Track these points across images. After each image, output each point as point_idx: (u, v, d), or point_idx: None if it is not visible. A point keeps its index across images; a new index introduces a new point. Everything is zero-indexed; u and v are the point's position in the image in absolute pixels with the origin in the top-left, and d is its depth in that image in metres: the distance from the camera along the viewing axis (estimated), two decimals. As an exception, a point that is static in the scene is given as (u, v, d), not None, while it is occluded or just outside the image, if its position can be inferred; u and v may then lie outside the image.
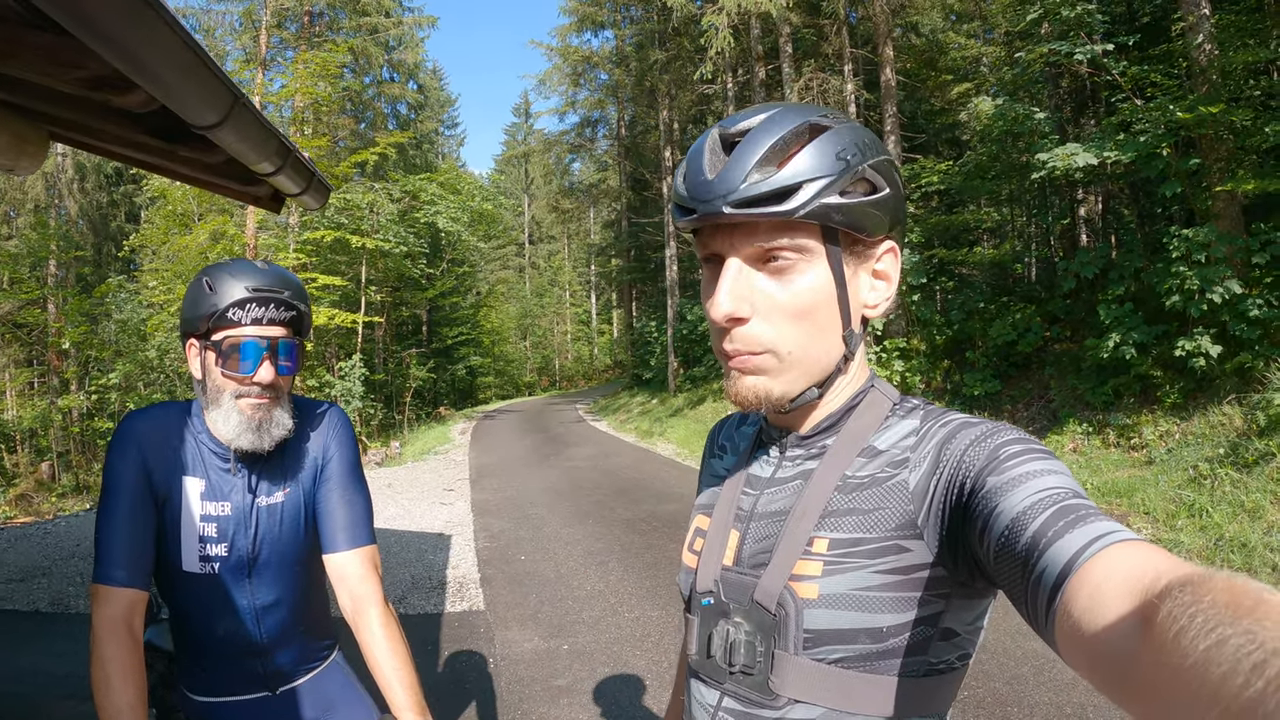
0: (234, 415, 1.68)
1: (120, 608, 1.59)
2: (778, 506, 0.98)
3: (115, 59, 1.55)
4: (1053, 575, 0.66)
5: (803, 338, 0.91)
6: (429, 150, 40.70)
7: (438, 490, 11.79)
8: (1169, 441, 8.54)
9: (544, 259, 58.57)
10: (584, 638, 5.39)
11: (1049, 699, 4.21)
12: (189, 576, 1.72)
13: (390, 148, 22.11)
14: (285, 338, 1.72)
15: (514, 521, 9.18)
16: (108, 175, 31.23)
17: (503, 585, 6.66)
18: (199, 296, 1.66)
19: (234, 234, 18.30)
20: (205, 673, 1.82)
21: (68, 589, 6.68)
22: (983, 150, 12.98)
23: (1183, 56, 10.16)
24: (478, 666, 4.96)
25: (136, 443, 1.69)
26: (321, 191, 3.16)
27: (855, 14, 18.25)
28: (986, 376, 12.50)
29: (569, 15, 28.91)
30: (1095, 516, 0.69)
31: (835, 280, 0.91)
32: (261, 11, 22.60)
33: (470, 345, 35.97)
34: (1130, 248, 11.06)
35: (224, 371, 1.66)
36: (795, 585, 0.90)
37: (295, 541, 1.81)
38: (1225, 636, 0.44)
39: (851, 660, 0.87)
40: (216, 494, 1.73)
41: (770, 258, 0.90)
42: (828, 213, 0.86)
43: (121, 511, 1.64)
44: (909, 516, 0.87)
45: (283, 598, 1.81)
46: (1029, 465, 0.78)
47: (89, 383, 22.50)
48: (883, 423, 0.96)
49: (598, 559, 7.34)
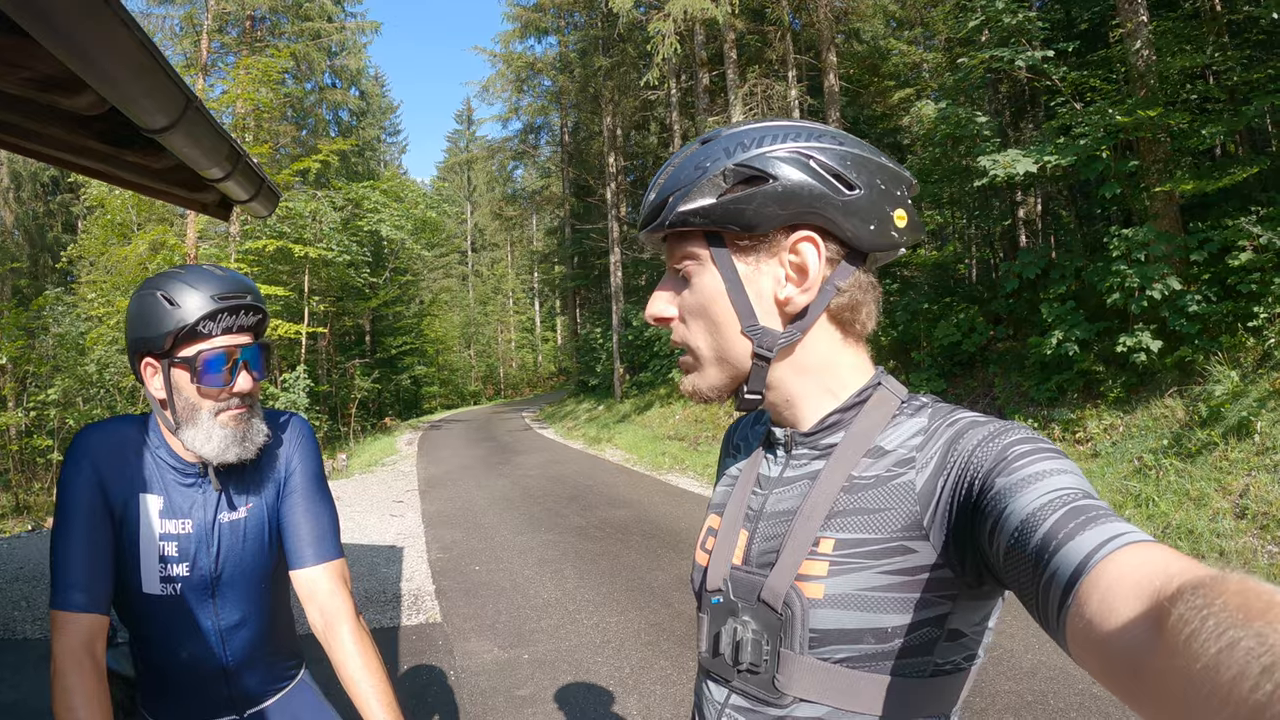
0: (217, 431, 1.60)
1: (81, 634, 1.50)
2: (785, 506, 0.98)
3: (68, 57, 1.50)
4: (1065, 576, 0.65)
5: (704, 335, 0.98)
6: (371, 158, 40.18)
7: (387, 502, 11.59)
8: (1114, 435, 8.72)
9: (487, 267, 58.20)
10: (544, 646, 5.32)
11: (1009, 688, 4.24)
12: (150, 599, 1.63)
13: (333, 155, 21.75)
14: (252, 343, 1.65)
15: (466, 531, 9.06)
16: (44, 184, 30.34)
17: (458, 596, 6.55)
18: (156, 312, 1.55)
19: (174, 244, 17.81)
20: (169, 698, 1.73)
21: (12, 614, 6.37)
22: (925, 154, 13.17)
23: (1121, 62, 10.40)
24: (438, 679, 4.86)
25: (91, 458, 1.60)
26: (270, 198, 3.07)
27: (799, 21, 18.45)
28: (932, 376, 12.66)
29: (512, 21, 28.82)
30: (1108, 517, 0.69)
31: (724, 278, 0.95)
32: (203, 15, 22.21)
33: (414, 355, 35.56)
34: (1070, 248, 11.30)
35: (200, 388, 1.58)
36: (801, 585, 0.90)
37: (260, 558, 1.74)
38: (1236, 639, 0.44)
39: (857, 660, 0.88)
40: (177, 511, 1.65)
41: (680, 266, 0.99)
42: (686, 219, 0.94)
43: (78, 532, 1.55)
44: (915, 517, 0.87)
45: (248, 617, 1.74)
46: (1039, 465, 0.78)
47: (27, 399, 21.70)
48: (890, 421, 0.96)
49: (552, 567, 7.27)
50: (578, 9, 26.26)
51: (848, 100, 17.77)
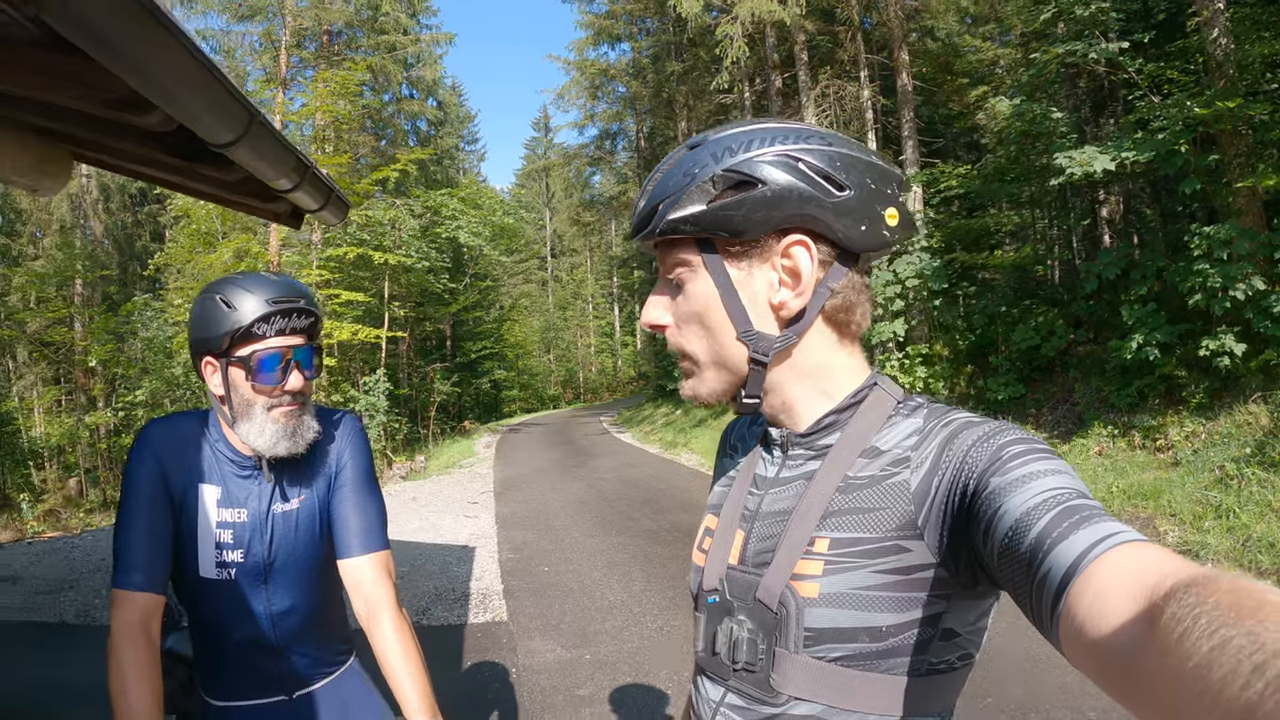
0: (269, 426, 1.71)
1: (138, 612, 1.61)
2: (781, 506, 0.99)
3: (133, 81, 1.58)
4: (1057, 576, 0.66)
5: (700, 342, 0.99)
6: (450, 166, 40.91)
7: (462, 503, 11.86)
8: (1195, 442, 8.45)
9: (566, 272, 58.61)
10: (606, 647, 5.41)
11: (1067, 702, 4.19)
12: (206, 582, 1.75)
13: (411, 164, 22.27)
14: (305, 345, 1.75)
15: (538, 533, 9.22)
16: (132, 195, 31.63)
17: (526, 596, 6.70)
18: (215, 315, 1.68)
19: (258, 252, 18.47)
20: (223, 677, 1.85)
21: (94, 601, 6.80)
22: (1001, 153, 12.92)
23: (1199, 52, 10.08)
24: (500, 676, 4.99)
25: (154, 450, 1.72)
26: (340, 207, 3.19)
27: (870, 20, 18.22)
28: (1010, 381, 12.40)
29: (585, 29, 29.11)
30: (1100, 517, 0.70)
31: (717, 284, 0.96)
32: (281, 32, 22.94)
33: (494, 359, 36.08)
34: (1152, 247, 10.97)
35: (255, 385, 1.70)
36: (796, 584, 0.91)
37: (310, 547, 1.84)
38: (1228, 638, 0.44)
39: (851, 659, 0.88)
40: (233, 501, 1.76)
41: (672, 273, 0.99)
42: (676, 226, 0.94)
43: (140, 517, 1.67)
44: (909, 517, 0.87)
45: (298, 603, 1.83)
46: (1033, 465, 0.78)
47: (116, 400, 22.72)
48: (886, 421, 0.96)
49: (621, 569, 7.36)
50: (649, 15, 26.37)
51: (922, 99, 17.49)
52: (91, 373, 24.11)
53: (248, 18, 24.47)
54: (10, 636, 6.06)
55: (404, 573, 7.62)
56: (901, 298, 13.92)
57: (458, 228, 24.52)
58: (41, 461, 24.91)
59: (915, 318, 14.57)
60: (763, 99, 21.49)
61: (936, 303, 13.97)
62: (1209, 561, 6.20)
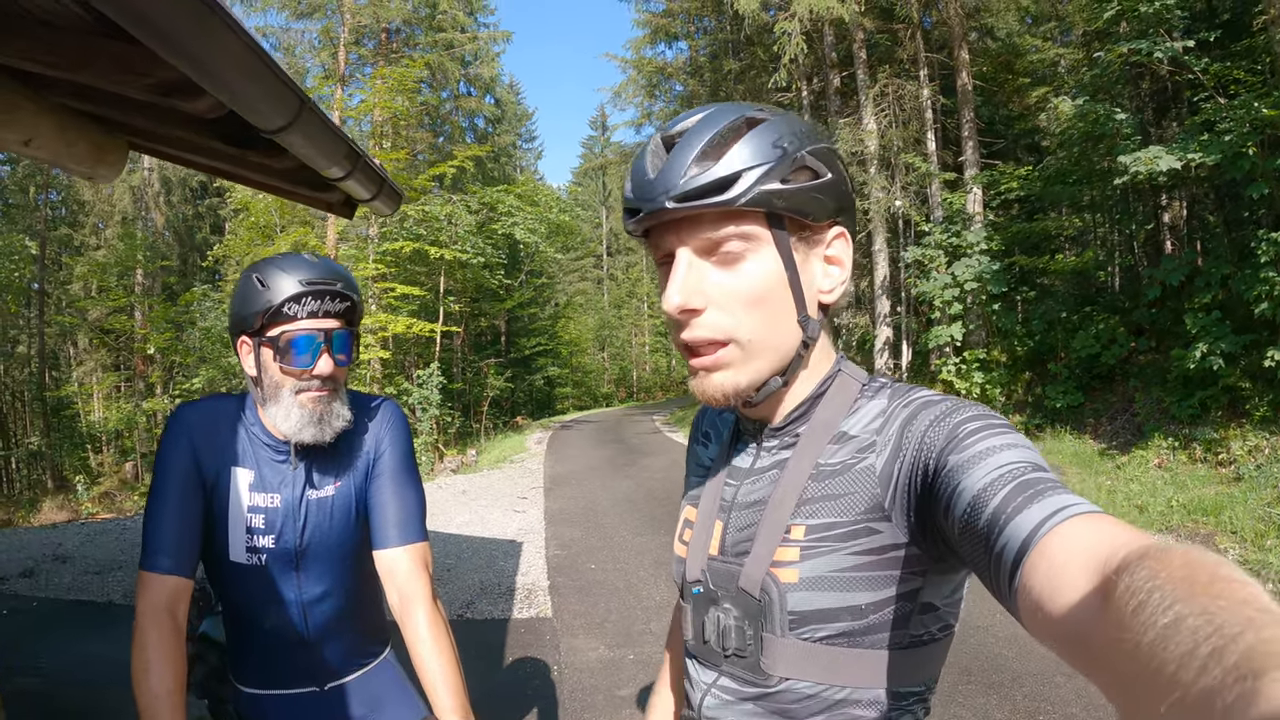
0: (295, 410, 1.68)
1: (164, 595, 1.60)
2: (757, 496, 1.01)
3: (182, 64, 1.60)
4: (1013, 551, 0.67)
5: (760, 324, 0.93)
6: (507, 163, 41.23)
7: (512, 498, 11.97)
8: (1258, 457, 8.21)
9: (622, 270, 58.68)
10: (650, 648, 5.43)
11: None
12: (237, 567, 1.74)
13: (468, 160, 22.45)
14: (340, 329, 1.71)
15: (585, 530, 9.29)
16: (193, 189, 32.33)
17: (571, 593, 6.76)
18: (250, 293, 1.67)
19: (315, 245, 18.75)
20: (253, 665, 1.85)
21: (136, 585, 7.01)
22: (1063, 154, 12.66)
23: (1265, 51, 9.79)
24: (542, 673, 5.05)
25: (187, 432, 1.71)
26: (393, 197, 3.22)
27: (929, 18, 17.95)
28: (1069, 389, 12.16)
29: (642, 27, 29.05)
30: (1054, 490, 0.71)
31: (785, 266, 0.93)
32: (339, 29, 23.28)
33: (548, 356, 36.22)
34: (1217, 254, 10.67)
35: (283, 367, 1.67)
36: (776, 571, 0.94)
37: (345, 535, 1.81)
38: (1181, 615, 0.44)
39: (835, 637, 0.92)
40: (266, 486, 1.75)
41: (719, 248, 0.92)
42: (769, 199, 0.89)
43: (170, 500, 1.66)
44: (876, 500, 0.90)
45: (331, 591, 1.81)
46: (988, 441, 0.80)
47: (173, 387, 23.30)
48: (852, 405, 0.99)
49: (667, 569, 7.36)
50: (706, 13, 26.26)
51: (982, 99, 17.18)
52: (150, 360, 24.73)
53: (307, 15, 24.89)
54: (59, 614, 6.29)
55: (450, 565, 7.72)
56: (960, 301, 13.73)
57: (514, 224, 24.69)
58: (99, 445, 25.64)
59: (973, 322, 14.35)
60: (820, 98, 21.31)
61: (995, 307, 13.74)
62: (1271, 583, 6.04)
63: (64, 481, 20.48)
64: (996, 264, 13.38)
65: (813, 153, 0.92)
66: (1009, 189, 14.11)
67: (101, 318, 25.96)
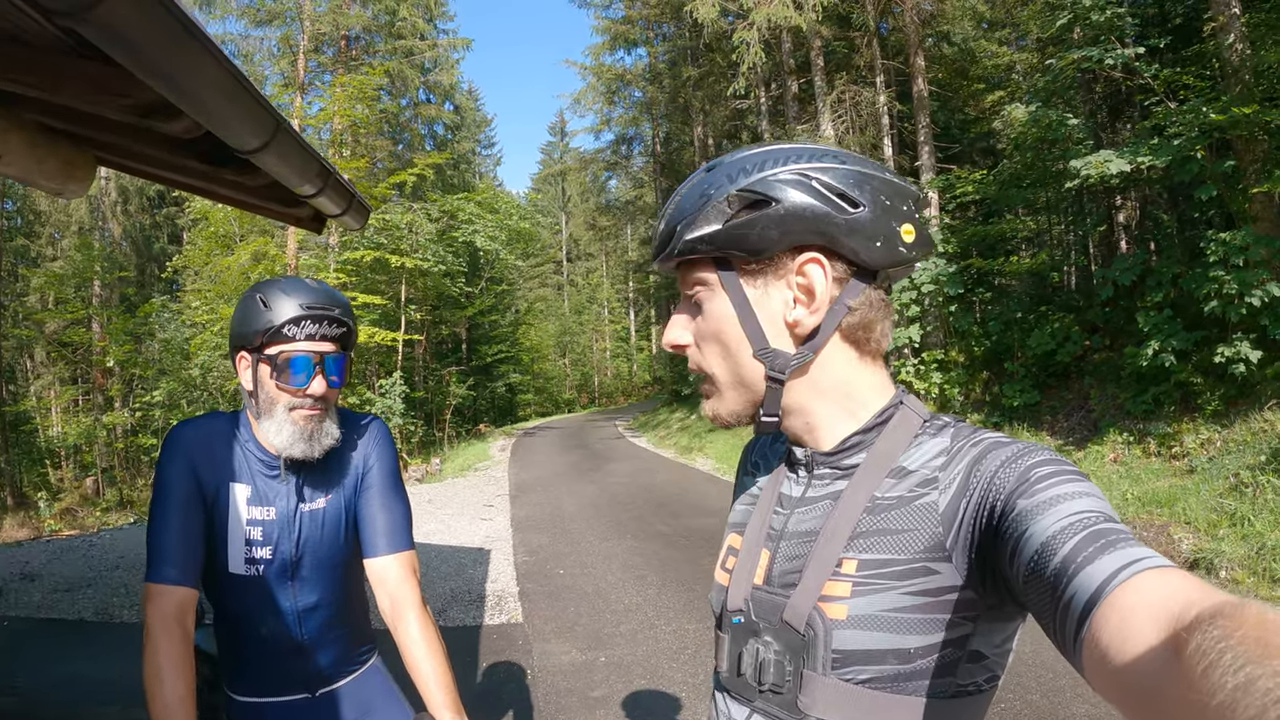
0: (287, 426, 1.75)
1: (172, 604, 1.65)
2: (807, 526, 0.97)
3: (161, 88, 1.62)
4: (1082, 601, 0.66)
5: (719, 360, 1.00)
6: (466, 170, 41.07)
7: (477, 506, 11.93)
8: (1210, 450, 8.43)
9: (582, 276, 58.74)
10: (621, 650, 5.45)
11: (1086, 711, 4.21)
12: (235, 578, 1.79)
13: (428, 168, 22.39)
14: (335, 353, 1.79)
15: (553, 536, 9.28)
16: (150, 198, 31.88)
17: (541, 599, 6.75)
18: (253, 312, 1.74)
19: (275, 254, 18.60)
20: (249, 674, 1.89)
21: (112, 599, 6.89)
22: (1017, 159, 12.90)
23: (1215, 57, 10.07)
24: (515, 677, 5.05)
25: (185, 450, 1.77)
26: (361, 212, 3.24)
27: (886, 25, 18.21)
28: (1025, 387, 12.37)
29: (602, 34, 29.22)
30: (1127, 542, 0.69)
31: (734, 303, 0.97)
32: (299, 37, 23.14)
33: (509, 363, 36.16)
34: (1168, 253, 10.95)
35: (278, 384, 1.74)
36: (824, 606, 0.90)
37: (336, 546, 1.88)
38: (1254, 677, 0.43)
39: (879, 681, 0.87)
40: (262, 499, 1.81)
41: (691, 295, 1.01)
42: (693, 246, 0.95)
43: (174, 514, 1.71)
44: (938, 539, 0.87)
45: (324, 600, 1.88)
46: (1061, 488, 0.78)
47: (133, 400, 22.92)
48: (913, 441, 0.95)
49: (636, 573, 7.41)
50: (665, 20, 26.45)
51: (938, 105, 17.45)
52: (109, 373, 24.31)
53: (266, 23, 24.72)
54: (30, 633, 6.16)
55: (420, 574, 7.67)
56: (917, 303, 13.93)
57: (474, 232, 24.63)
58: (58, 460, 25.12)
59: (931, 323, 14.56)
60: (779, 104, 21.52)
61: (952, 308, 13.96)
62: (1223, 569, 6.20)
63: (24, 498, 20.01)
64: (953, 266, 13.59)
65: (747, 188, 0.92)
66: (965, 193, 14.33)
67: (59, 330, 25.46)
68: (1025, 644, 4.89)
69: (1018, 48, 18.42)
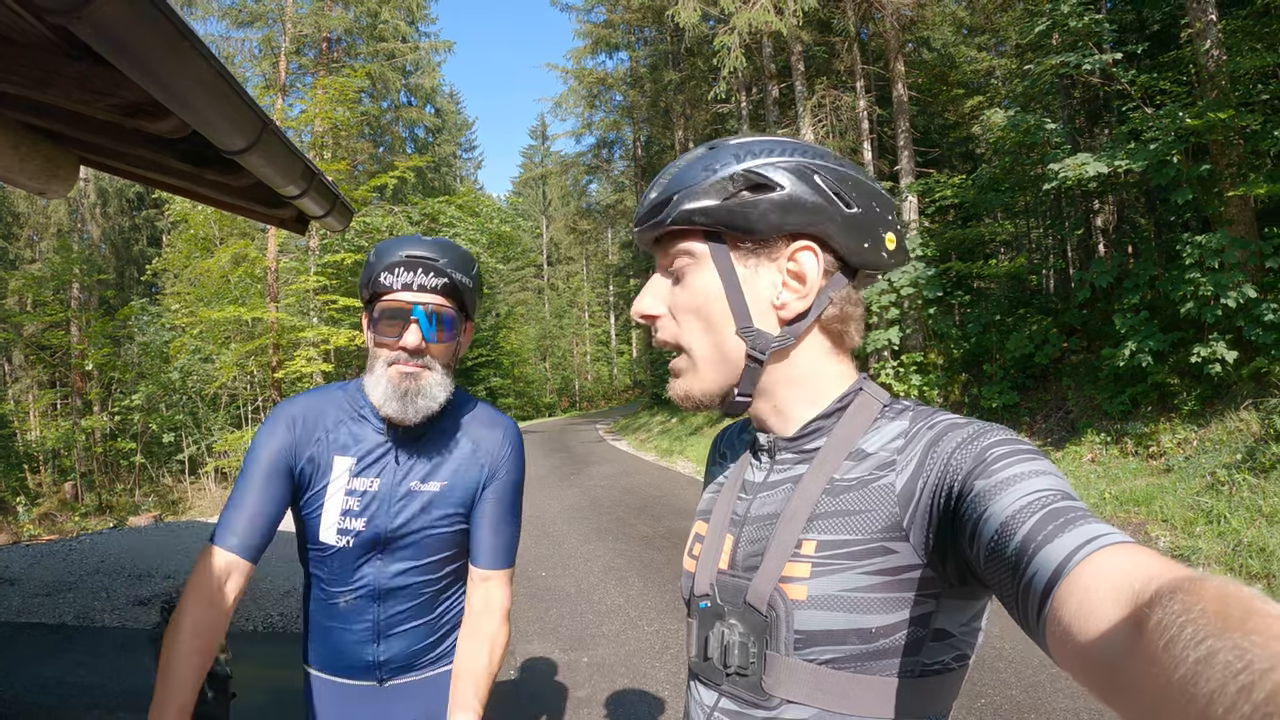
0: (383, 382, 1.70)
1: (220, 566, 1.63)
2: (769, 510, 0.99)
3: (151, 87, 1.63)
4: (1043, 579, 0.66)
5: (699, 334, 1.00)
6: (447, 173, 41.00)
7: (459, 509, 11.85)
8: (1187, 449, 8.52)
9: (563, 280, 58.65)
10: (604, 650, 5.45)
11: (1066, 705, 4.24)
12: (324, 546, 1.77)
13: (409, 171, 22.29)
14: (437, 306, 1.71)
15: (535, 539, 9.26)
16: (129, 200, 31.62)
17: (523, 600, 6.73)
18: (366, 266, 1.73)
19: (255, 257, 18.41)
20: (325, 644, 1.85)
21: (92, 603, 6.80)
22: (996, 163, 13.00)
23: (1191, 63, 10.18)
24: (499, 677, 5.02)
25: (287, 424, 1.75)
26: (345, 214, 3.24)
27: (866, 31, 18.32)
28: (1004, 389, 12.46)
29: (583, 38, 29.22)
30: (1086, 519, 0.69)
31: (723, 278, 0.98)
32: (280, 38, 23.01)
33: (490, 367, 36.12)
34: (1145, 256, 11.05)
35: (376, 337, 1.72)
36: (785, 587, 0.91)
37: (436, 535, 1.82)
38: (1214, 650, 0.43)
39: (842, 661, 0.88)
40: (367, 469, 1.77)
41: (673, 264, 1.01)
42: (690, 217, 0.96)
43: (253, 487, 1.69)
44: (895, 519, 0.87)
45: (409, 585, 1.82)
46: (1017, 467, 0.78)
47: (112, 404, 22.61)
48: (872, 425, 0.96)
49: (617, 574, 7.41)
50: (647, 24, 26.47)
51: (917, 109, 17.58)
52: (88, 376, 24.00)
53: (248, 24, 24.59)
54: (10, 638, 6.08)
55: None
56: (896, 306, 14.00)
57: (455, 235, 24.56)
58: (37, 465, 24.81)
59: (910, 326, 14.63)
60: (759, 109, 21.60)
61: (931, 311, 14.05)
62: (1201, 566, 6.26)
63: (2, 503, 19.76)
64: (932, 269, 13.66)
65: (755, 169, 0.94)
66: (944, 196, 14.42)
67: (37, 333, 25.09)
68: (1005, 641, 4.93)
69: (997, 53, 18.60)
